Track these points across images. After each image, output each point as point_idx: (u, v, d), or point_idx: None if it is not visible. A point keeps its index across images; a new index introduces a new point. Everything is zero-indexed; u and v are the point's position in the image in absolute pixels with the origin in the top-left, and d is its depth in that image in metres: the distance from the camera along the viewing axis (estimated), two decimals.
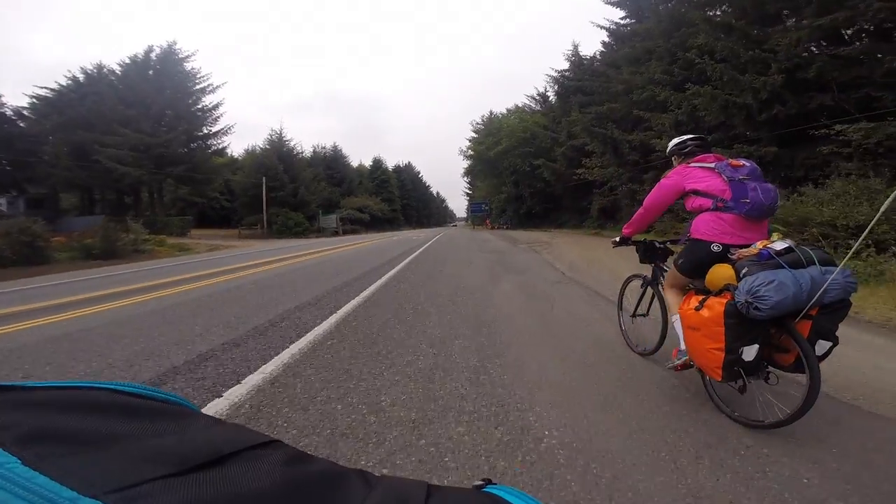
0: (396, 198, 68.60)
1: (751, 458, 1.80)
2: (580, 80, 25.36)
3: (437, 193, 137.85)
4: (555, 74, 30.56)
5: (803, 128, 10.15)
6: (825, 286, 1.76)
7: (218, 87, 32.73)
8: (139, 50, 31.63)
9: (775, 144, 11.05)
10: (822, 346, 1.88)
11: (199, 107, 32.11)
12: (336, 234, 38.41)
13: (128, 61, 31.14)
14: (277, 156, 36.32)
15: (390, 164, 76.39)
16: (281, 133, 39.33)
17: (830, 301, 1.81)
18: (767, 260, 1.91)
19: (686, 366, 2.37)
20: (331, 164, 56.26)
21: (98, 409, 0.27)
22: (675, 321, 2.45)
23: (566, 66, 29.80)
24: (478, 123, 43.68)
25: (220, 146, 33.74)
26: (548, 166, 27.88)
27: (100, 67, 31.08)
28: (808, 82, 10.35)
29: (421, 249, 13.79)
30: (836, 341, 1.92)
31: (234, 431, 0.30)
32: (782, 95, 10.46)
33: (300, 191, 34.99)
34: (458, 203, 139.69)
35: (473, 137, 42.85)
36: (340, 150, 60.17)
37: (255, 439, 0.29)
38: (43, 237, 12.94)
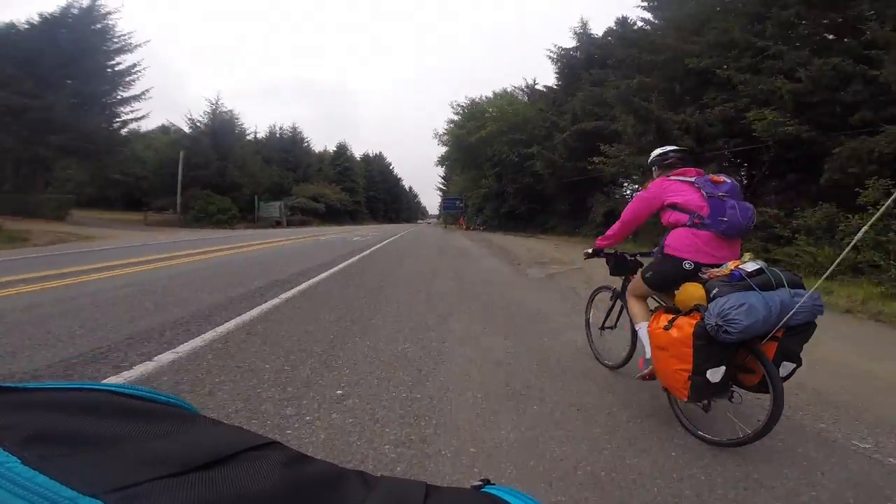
0: (361, 188, 61.83)
1: None
2: (608, 49, 20.39)
3: (410, 188, 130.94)
4: (559, 52, 25.57)
5: None
6: (794, 310, 1.74)
7: (137, 46, 25.50)
8: (55, 7, 23.99)
9: None
10: (786, 367, 1.86)
11: (109, 68, 24.85)
12: (278, 224, 32.04)
13: (38, 20, 23.58)
14: (211, 129, 29.40)
15: (360, 152, 69.48)
16: (217, 103, 32.26)
17: (797, 323, 1.80)
18: (738, 281, 1.84)
19: (653, 375, 2.28)
20: (287, 146, 49.16)
21: (98, 411, 0.27)
22: (641, 330, 2.40)
23: (573, 43, 24.98)
24: (458, 105, 36.52)
25: (136, 115, 26.44)
26: (543, 156, 22.57)
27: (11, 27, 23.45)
28: None
29: (333, 269, 8.18)
30: (799, 363, 1.90)
31: (234, 433, 0.30)
32: None
33: (228, 169, 28.14)
34: (432, 200, 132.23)
35: (453, 120, 35.51)
36: (300, 133, 52.96)
37: (254, 441, 0.29)
38: None
